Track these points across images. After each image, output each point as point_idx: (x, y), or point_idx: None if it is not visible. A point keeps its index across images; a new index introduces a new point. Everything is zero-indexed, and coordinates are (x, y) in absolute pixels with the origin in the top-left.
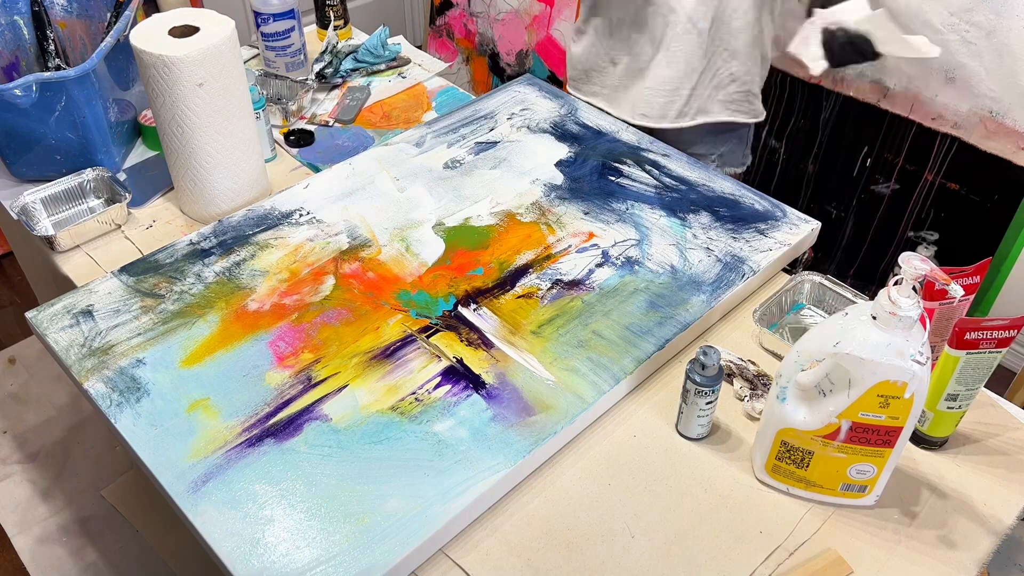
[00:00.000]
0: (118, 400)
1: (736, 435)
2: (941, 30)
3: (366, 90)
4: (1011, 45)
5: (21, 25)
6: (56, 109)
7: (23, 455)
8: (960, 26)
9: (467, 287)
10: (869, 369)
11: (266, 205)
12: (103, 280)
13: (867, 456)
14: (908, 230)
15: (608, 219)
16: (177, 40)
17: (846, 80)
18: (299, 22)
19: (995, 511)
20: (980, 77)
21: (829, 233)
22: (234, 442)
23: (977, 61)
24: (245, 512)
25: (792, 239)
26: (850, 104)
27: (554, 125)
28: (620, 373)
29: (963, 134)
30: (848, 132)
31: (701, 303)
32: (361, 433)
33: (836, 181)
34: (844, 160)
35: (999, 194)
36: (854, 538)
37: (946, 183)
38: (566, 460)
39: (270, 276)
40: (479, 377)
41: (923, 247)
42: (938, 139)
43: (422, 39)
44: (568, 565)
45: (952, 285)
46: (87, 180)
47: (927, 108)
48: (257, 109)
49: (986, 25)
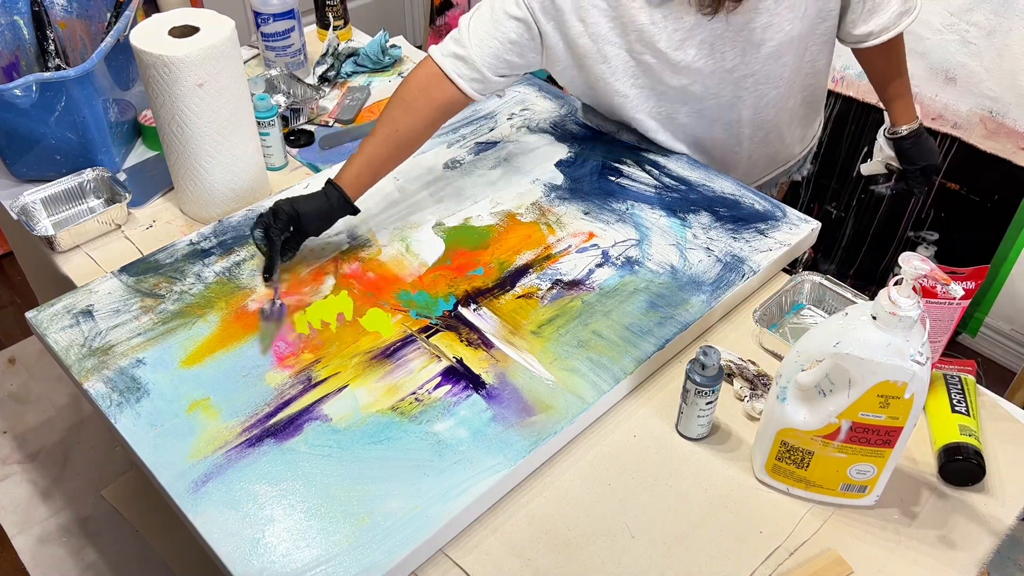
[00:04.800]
0: (118, 400)
1: (736, 435)
2: (941, 30)
3: (366, 90)
4: (1011, 45)
5: (21, 25)
6: (56, 109)
7: (23, 455)
8: (960, 26)
9: (467, 287)
10: (869, 369)
11: (266, 205)
12: (103, 280)
13: (867, 456)
14: (908, 230)
15: (608, 219)
16: (177, 40)
17: (846, 80)
18: (299, 22)
19: (995, 511)
20: (980, 77)
21: (829, 233)
22: (234, 442)
23: (977, 61)
24: (245, 512)
25: (792, 239)
26: (850, 104)
27: (554, 125)
28: (620, 373)
29: (963, 134)
30: (848, 132)
31: (701, 303)
32: (361, 433)
33: (836, 181)
34: (844, 160)
35: (999, 194)
36: (854, 538)
37: (946, 183)
38: (566, 460)
39: None
40: (479, 377)
41: (923, 247)
42: (938, 139)
43: (422, 39)
44: (568, 565)
45: (952, 285)
46: (87, 180)
47: (927, 108)
48: (270, 117)
49: (986, 25)
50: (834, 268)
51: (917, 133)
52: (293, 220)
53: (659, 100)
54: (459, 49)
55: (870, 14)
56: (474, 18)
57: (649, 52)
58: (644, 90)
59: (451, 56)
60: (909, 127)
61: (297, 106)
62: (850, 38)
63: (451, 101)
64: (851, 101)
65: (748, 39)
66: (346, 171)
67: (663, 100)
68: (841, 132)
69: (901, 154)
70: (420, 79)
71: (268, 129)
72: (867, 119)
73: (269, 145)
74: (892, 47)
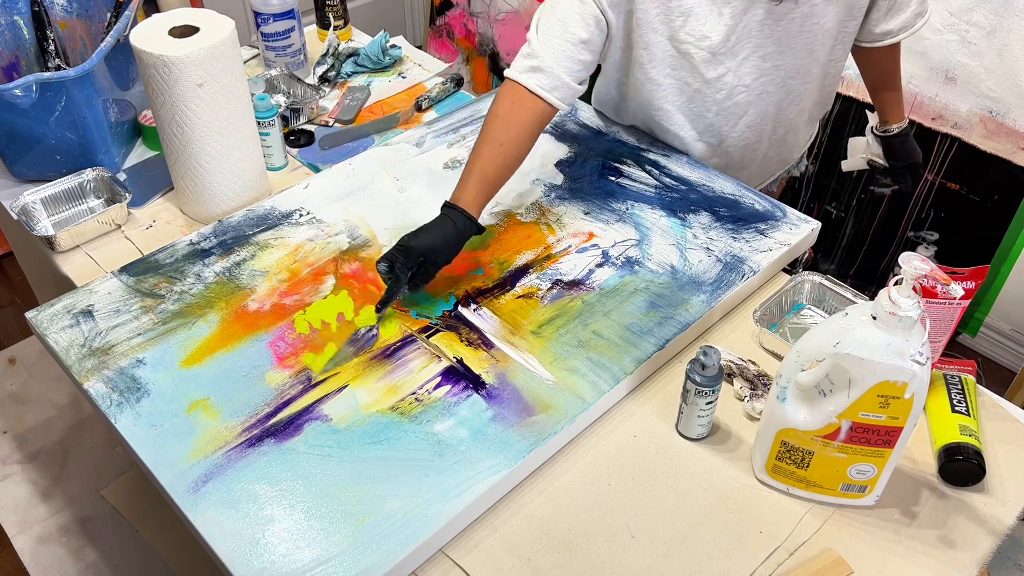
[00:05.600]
0: (118, 400)
1: (736, 435)
2: (941, 30)
3: (366, 90)
4: (1011, 45)
5: (21, 25)
6: (56, 109)
7: (23, 455)
8: (960, 26)
9: (467, 287)
10: (869, 369)
11: (266, 205)
12: (103, 280)
13: (867, 456)
14: (908, 230)
15: (608, 219)
16: (177, 40)
17: (846, 80)
18: (299, 22)
19: (995, 511)
20: (980, 77)
21: (829, 233)
22: (234, 442)
23: (977, 61)
24: (245, 512)
25: (792, 239)
26: (850, 104)
27: (554, 125)
28: (620, 373)
29: (963, 134)
30: (848, 132)
31: (701, 303)
32: (361, 433)
33: (836, 181)
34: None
35: (999, 194)
36: (854, 538)
37: (946, 183)
38: (566, 460)
39: (270, 276)
40: (479, 377)
41: (923, 247)
42: (938, 139)
43: (422, 39)
44: (568, 565)
45: (952, 285)
46: (87, 180)
47: (927, 108)
48: (270, 117)
49: (986, 25)
50: (834, 268)
51: (906, 132)
52: (423, 254)
53: (692, 96)
54: (534, 62)
55: (893, 13)
56: (540, 28)
57: (692, 40)
58: (678, 82)
59: (528, 71)
60: (899, 125)
61: (297, 106)
62: (870, 36)
63: (541, 113)
64: (851, 101)
65: (787, 28)
66: (462, 191)
67: (695, 97)
68: (841, 132)
69: (890, 151)
70: (508, 96)
71: (268, 129)
72: (867, 119)
73: (269, 145)
74: (895, 49)
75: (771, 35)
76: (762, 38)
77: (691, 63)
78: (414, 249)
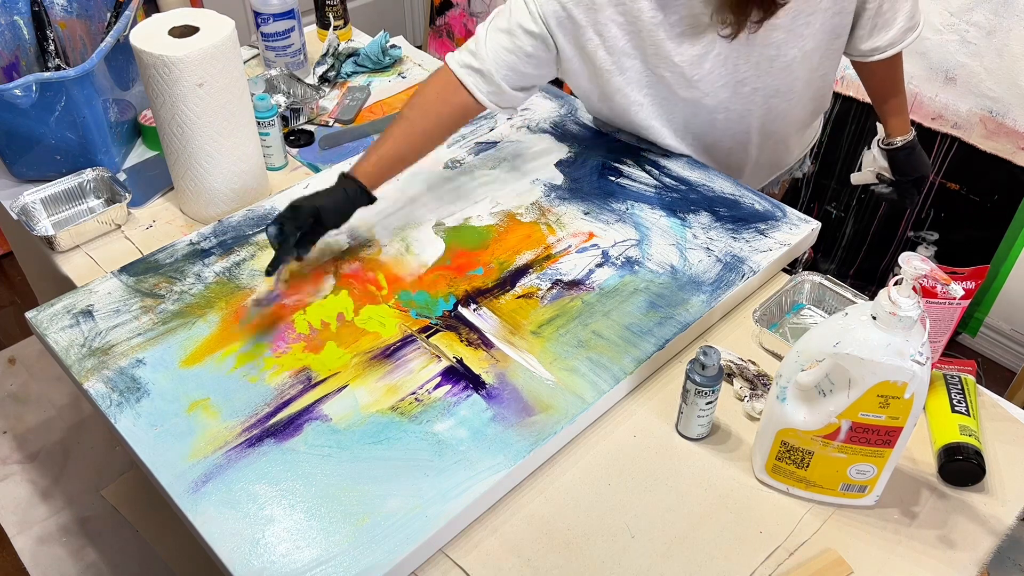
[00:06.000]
0: (118, 400)
1: (736, 435)
2: (941, 30)
3: (366, 90)
4: (1011, 45)
5: (21, 25)
6: (56, 109)
7: (23, 455)
8: (960, 26)
9: (467, 287)
10: (869, 369)
11: (266, 205)
12: (103, 280)
13: (867, 456)
14: (908, 230)
15: (608, 219)
16: (177, 40)
17: (846, 80)
18: (299, 22)
19: (995, 511)
20: (980, 77)
21: (829, 233)
22: (234, 442)
23: (977, 61)
24: (245, 512)
25: (792, 239)
26: (850, 104)
27: (554, 125)
28: (620, 373)
29: (963, 134)
30: (848, 132)
31: (701, 303)
32: (361, 433)
33: (836, 181)
34: (844, 160)
35: (999, 194)
36: (854, 538)
37: (946, 183)
38: (566, 460)
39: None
40: (479, 377)
41: (923, 247)
42: (938, 139)
43: (422, 39)
44: (568, 565)
45: (952, 285)
46: (87, 180)
47: (927, 108)
48: (270, 117)
49: (986, 25)
50: (834, 268)
51: (911, 145)
52: (312, 214)
53: (672, 109)
54: (475, 62)
55: (878, 30)
56: (490, 30)
57: (664, 66)
58: (658, 99)
59: (467, 68)
60: (904, 139)
61: (297, 106)
62: (858, 52)
63: (465, 107)
64: (851, 101)
65: (763, 54)
66: (360, 164)
67: (675, 110)
68: (841, 132)
69: (895, 165)
70: (437, 84)
71: (268, 129)
72: (867, 119)
73: (269, 145)
74: (893, 62)
75: (747, 60)
76: (738, 62)
77: (667, 85)
78: (303, 209)
